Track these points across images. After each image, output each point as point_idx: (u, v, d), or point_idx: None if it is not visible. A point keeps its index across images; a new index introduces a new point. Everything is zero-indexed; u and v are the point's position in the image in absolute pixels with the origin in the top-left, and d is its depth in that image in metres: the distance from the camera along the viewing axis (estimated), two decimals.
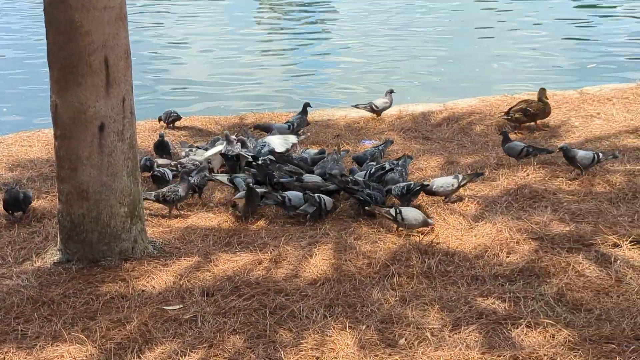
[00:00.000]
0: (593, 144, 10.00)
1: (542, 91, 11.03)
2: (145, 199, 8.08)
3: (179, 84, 16.44)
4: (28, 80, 16.29)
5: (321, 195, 8.02)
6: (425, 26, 21.28)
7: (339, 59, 18.27)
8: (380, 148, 9.50)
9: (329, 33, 21.09)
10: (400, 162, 8.78)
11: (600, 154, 8.72)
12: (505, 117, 11.00)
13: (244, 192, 8.03)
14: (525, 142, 9.69)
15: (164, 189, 8.24)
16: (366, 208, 7.87)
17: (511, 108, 11.00)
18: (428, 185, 8.26)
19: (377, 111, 11.78)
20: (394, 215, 7.52)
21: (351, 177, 8.49)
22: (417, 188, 8.16)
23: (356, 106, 11.87)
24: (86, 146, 6.71)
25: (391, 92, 11.80)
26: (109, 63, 6.61)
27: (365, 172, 8.68)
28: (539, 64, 17.31)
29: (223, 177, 8.79)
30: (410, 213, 7.56)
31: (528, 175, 8.86)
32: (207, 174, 8.78)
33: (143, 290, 6.49)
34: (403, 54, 18.40)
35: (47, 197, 8.70)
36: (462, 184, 8.30)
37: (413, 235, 7.44)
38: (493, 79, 16.21)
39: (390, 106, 11.80)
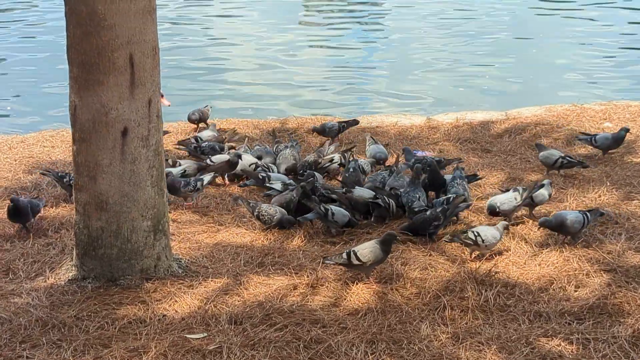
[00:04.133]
0: None
1: None
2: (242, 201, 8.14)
3: (218, 83, 16.28)
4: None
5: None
6: (485, 27, 20.78)
7: (387, 64, 17.95)
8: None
9: (380, 39, 20.63)
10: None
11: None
12: None
13: (374, 242, 6.88)
14: (563, 152, 9.43)
15: (263, 206, 8.00)
16: (445, 240, 7.41)
17: None
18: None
19: (596, 146, 10.00)
20: (475, 238, 7.12)
21: (400, 191, 8.16)
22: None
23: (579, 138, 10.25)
24: (107, 152, 6.43)
25: (625, 131, 9.96)
26: (134, 61, 6.32)
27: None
28: (609, 72, 16.82)
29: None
30: (488, 232, 7.20)
31: (600, 196, 8.44)
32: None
33: (164, 315, 6.19)
34: (461, 57, 18.00)
35: (67, 204, 8.45)
36: (524, 197, 7.89)
37: (468, 263, 7.05)
38: (559, 86, 15.77)
39: (613, 146, 9.96)
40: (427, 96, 15.36)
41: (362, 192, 8.24)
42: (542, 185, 8.15)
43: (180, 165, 9.23)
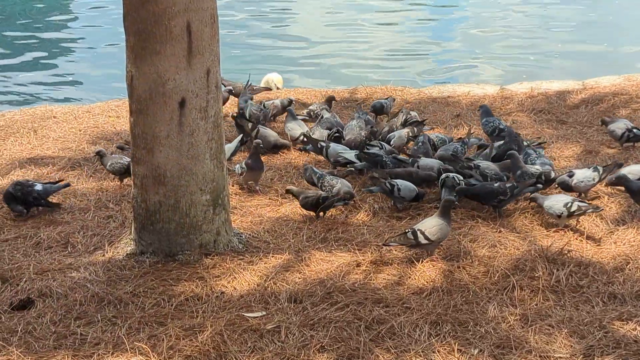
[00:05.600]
0: None
1: None
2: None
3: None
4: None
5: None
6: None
7: (465, 31, 17.56)
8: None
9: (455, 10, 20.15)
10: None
11: None
12: None
13: (438, 218, 6.62)
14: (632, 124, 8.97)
15: (327, 177, 7.71)
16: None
17: None
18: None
19: None
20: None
21: (474, 163, 7.84)
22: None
23: None
24: (164, 124, 6.26)
25: None
26: (191, 29, 6.13)
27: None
28: None
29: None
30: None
31: None
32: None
33: (223, 292, 6.03)
34: (537, 24, 17.51)
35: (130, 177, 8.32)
36: (602, 177, 7.54)
37: (539, 240, 6.73)
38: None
39: None
40: (500, 66, 14.99)
41: (429, 162, 7.97)
42: (621, 164, 7.77)
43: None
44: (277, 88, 11.63)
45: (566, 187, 7.50)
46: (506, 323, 5.55)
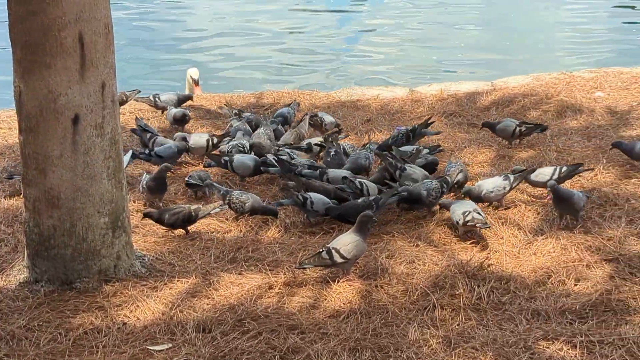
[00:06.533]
0: None
1: None
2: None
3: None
4: None
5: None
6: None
7: (371, 36, 17.42)
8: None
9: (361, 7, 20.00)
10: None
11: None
12: None
13: (352, 234, 6.32)
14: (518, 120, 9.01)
15: (235, 193, 7.33)
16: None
17: None
18: None
19: None
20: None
21: (402, 166, 7.59)
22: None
23: None
24: (57, 142, 5.81)
25: None
26: (84, 40, 5.69)
27: None
28: (596, 38, 16.37)
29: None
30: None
31: (596, 175, 7.89)
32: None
33: (125, 323, 5.60)
34: (444, 26, 17.47)
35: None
36: (514, 185, 7.34)
37: (458, 254, 6.48)
38: (547, 54, 15.32)
39: None
40: (408, 67, 14.88)
41: (339, 173, 7.66)
42: (534, 170, 7.57)
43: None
44: (193, 79, 11.20)
45: (476, 198, 7.27)
46: (428, 347, 5.26)
